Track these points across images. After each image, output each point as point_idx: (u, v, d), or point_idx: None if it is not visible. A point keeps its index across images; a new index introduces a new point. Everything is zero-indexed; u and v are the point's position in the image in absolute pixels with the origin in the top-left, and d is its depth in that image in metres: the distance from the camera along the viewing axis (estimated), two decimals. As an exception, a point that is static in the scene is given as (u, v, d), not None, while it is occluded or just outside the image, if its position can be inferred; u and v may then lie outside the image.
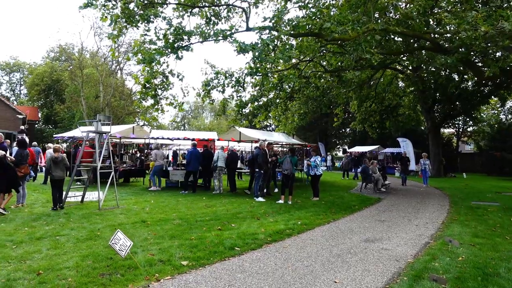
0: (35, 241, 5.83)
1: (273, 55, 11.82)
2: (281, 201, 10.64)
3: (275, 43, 9.96)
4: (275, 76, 14.84)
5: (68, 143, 16.97)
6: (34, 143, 14.93)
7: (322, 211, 9.35)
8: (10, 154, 9.77)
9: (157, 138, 14.12)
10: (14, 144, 13.07)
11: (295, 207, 9.97)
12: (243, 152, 26.58)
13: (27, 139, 11.35)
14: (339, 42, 11.80)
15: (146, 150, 20.74)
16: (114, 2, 9.33)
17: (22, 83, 61.04)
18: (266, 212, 9.04)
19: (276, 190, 13.46)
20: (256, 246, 5.86)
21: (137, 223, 7.38)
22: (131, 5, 9.67)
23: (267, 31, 10.34)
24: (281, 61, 11.61)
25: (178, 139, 14.60)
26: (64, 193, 9.13)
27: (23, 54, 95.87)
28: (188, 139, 14.43)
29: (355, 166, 23.23)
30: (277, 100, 16.13)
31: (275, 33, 10.35)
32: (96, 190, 10.17)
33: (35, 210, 8.56)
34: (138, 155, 20.64)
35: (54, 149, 9.50)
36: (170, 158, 22.10)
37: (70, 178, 9.63)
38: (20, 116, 41.78)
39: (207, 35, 10.95)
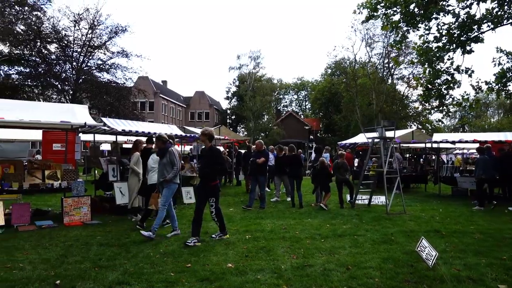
0: (337, 238, 6.53)
1: None
2: None
3: None
4: None
5: (348, 149, 18.40)
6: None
7: None
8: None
9: (440, 142, 13.08)
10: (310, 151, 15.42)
11: None
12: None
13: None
14: None
15: (424, 156, 19.72)
16: (394, 9, 9.41)
17: (306, 99, 71.72)
18: None
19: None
20: None
21: (430, 232, 7.01)
22: (411, 6, 9.44)
23: None
24: None
25: (466, 142, 13.01)
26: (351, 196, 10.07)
27: (307, 74, 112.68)
28: (478, 141, 12.60)
29: None
30: None
31: None
32: (380, 194, 10.52)
33: (332, 209, 9.68)
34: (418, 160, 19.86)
35: (339, 155, 10.76)
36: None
37: (358, 181, 10.36)
38: (306, 128, 49.16)
39: (502, 18, 9.26)
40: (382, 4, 9.83)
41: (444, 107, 11.14)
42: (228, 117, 64.21)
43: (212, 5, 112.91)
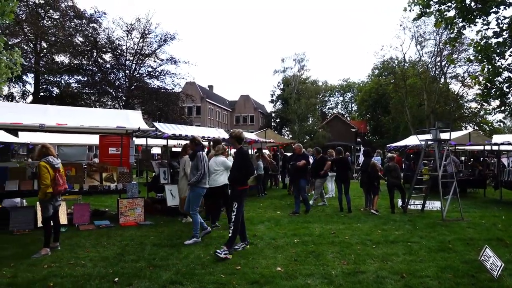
0: (389, 244, 6.28)
1: None
2: None
3: None
4: None
5: (398, 152, 17.72)
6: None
7: None
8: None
9: (501, 144, 12.21)
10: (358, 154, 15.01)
11: None
12: None
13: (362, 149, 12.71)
14: None
15: (482, 158, 18.49)
16: (449, 4, 8.93)
17: (353, 100, 70.09)
18: None
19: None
20: None
21: (492, 240, 6.53)
22: (467, 1, 8.91)
23: None
24: None
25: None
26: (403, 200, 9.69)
27: (352, 75, 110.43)
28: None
29: None
30: None
31: None
32: (434, 199, 9.99)
33: (383, 214, 9.34)
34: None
35: (390, 158, 10.38)
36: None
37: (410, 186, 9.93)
38: (353, 130, 47.97)
39: None
40: (436, 0, 9.38)
41: (507, 107, 10.40)
42: (272, 120, 64.31)
43: (256, 10, 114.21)
